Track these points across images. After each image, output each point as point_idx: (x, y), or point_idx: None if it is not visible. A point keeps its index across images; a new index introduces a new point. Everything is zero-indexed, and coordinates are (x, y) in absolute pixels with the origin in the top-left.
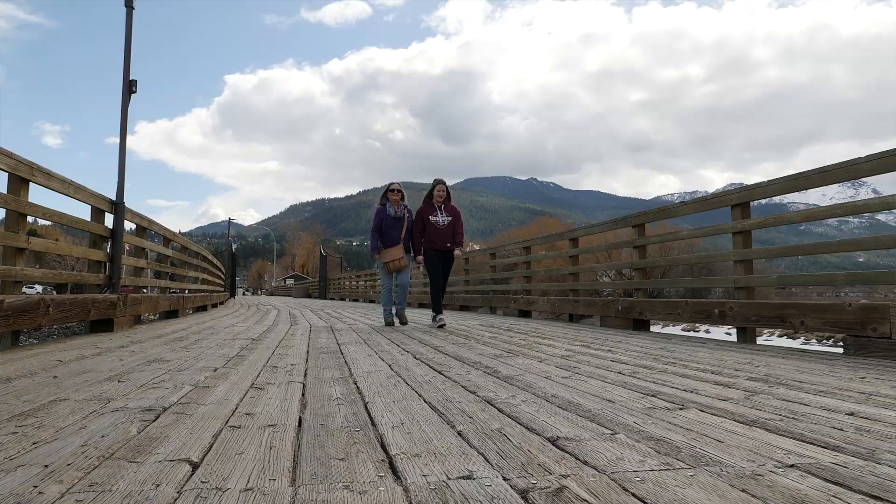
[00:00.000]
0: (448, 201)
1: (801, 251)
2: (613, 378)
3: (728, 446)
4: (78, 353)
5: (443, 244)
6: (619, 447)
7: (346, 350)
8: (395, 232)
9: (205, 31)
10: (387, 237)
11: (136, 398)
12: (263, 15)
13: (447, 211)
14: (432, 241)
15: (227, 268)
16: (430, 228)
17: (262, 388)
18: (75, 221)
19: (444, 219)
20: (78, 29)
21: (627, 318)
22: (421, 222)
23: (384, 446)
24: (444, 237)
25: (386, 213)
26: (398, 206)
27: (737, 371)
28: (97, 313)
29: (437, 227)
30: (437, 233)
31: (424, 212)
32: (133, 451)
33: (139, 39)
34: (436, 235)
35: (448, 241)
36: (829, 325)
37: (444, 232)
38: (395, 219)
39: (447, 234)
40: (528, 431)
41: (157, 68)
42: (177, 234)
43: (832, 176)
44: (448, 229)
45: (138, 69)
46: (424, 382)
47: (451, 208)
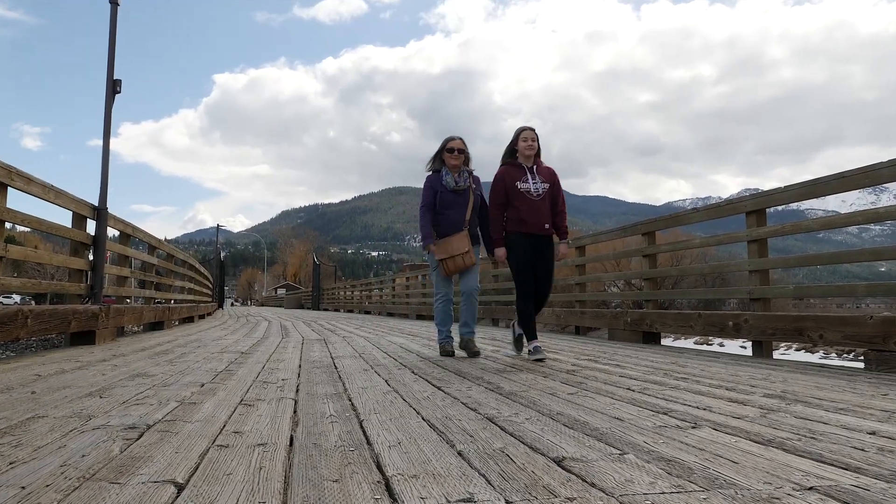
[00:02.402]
0: (539, 157)
1: (820, 260)
2: (622, 394)
3: (743, 467)
4: (58, 367)
5: (539, 226)
6: (629, 468)
7: (341, 364)
8: (457, 212)
9: (193, 28)
10: (443, 221)
11: (119, 415)
12: (254, 12)
13: (542, 173)
14: (521, 220)
15: (215, 277)
16: (517, 201)
17: (252, 404)
18: (55, 228)
19: (538, 185)
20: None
21: (637, 331)
22: (503, 193)
23: (380, 467)
24: (539, 215)
25: (441, 184)
26: (460, 174)
27: (752, 387)
28: (78, 325)
29: (528, 198)
30: (528, 208)
31: (507, 176)
32: (115, 472)
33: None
34: (527, 212)
35: (546, 220)
36: (850, 338)
37: (539, 207)
38: (455, 192)
39: (544, 209)
40: (533, 451)
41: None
42: (162, 241)
43: (852, 181)
44: (545, 202)
45: (123, 68)
46: (423, 399)
47: (546, 170)
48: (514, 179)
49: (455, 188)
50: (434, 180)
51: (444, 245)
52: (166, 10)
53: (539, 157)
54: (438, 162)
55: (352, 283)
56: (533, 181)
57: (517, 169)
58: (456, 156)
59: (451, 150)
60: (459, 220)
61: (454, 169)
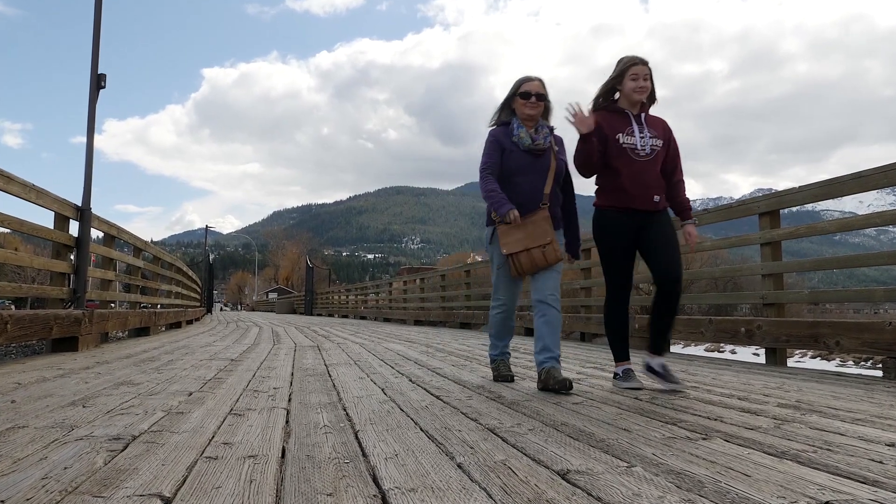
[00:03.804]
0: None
1: (836, 264)
2: (629, 404)
3: (756, 480)
4: (39, 375)
5: (646, 197)
6: (636, 481)
7: (335, 372)
8: (532, 181)
9: (181, 20)
10: (513, 190)
11: (103, 425)
12: (245, 3)
13: (653, 126)
14: (621, 190)
15: (204, 280)
16: (616, 162)
17: (242, 414)
18: (37, 229)
19: (648, 141)
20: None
21: (644, 338)
22: (600, 147)
23: (376, 480)
24: (647, 182)
25: (511, 140)
26: (537, 128)
27: (766, 396)
28: (60, 331)
29: (632, 158)
30: (633, 172)
31: (606, 125)
32: (99, 485)
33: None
34: (631, 178)
35: (656, 190)
36: (867, 345)
37: (647, 171)
38: (530, 153)
39: (653, 175)
40: (536, 464)
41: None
42: (148, 242)
43: (869, 181)
44: (654, 166)
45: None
46: (421, 408)
47: (658, 122)
48: (615, 130)
49: (531, 147)
50: (501, 134)
51: (515, 231)
52: (153, 1)
53: (650, 104)
54: (507, 112)
55: (347, 287)
56: (641, 135)
57: (618, 117)
58: (533, 104)
59: (525, 94)
60: (535, 193)
61: (530, 122)
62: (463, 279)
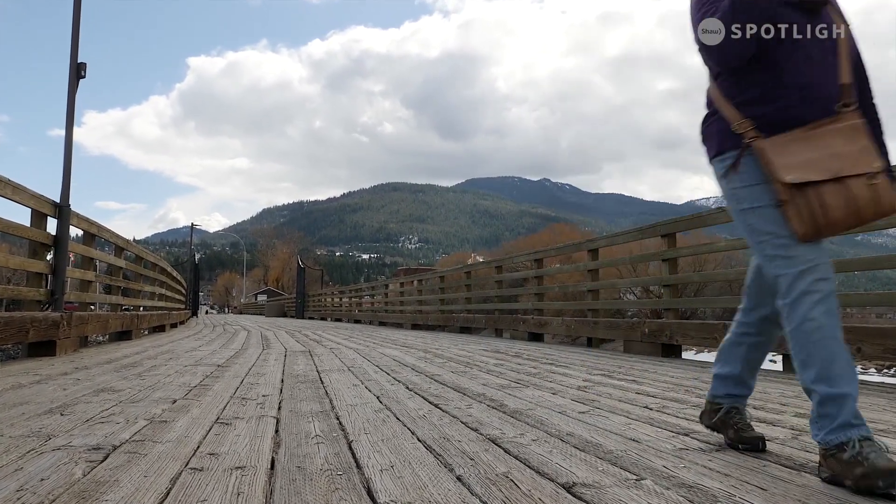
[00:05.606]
0: None
1: (858, 265)
2: (639, 413)
3: (773, 494)
4: (14, 381)
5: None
6: (646, 495)
7: (328, 379)
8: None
9: (165, 6)
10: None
11: (82, 435)
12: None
13: None
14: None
15: (189, 282)
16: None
17: (229, 423)
18: (13, 227)
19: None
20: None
21: (655, 343)
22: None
23: (371, 493)
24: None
25: None
26: None
27: (783, 406)
28: (37, 334)
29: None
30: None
31: None
32: (77, 498)
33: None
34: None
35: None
36: (890, 352)
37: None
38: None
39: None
40: (540, 476)
41: (110, 49)
42: (131, 241)
43: None
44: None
45: (88, 51)
46: (418, 417)
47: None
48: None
49: None
50: None
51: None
52: None
53: None
54: None
55: (340, 288)
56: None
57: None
58: None
59: None
60: (828, 87)
61: None
62: (463, 281)
